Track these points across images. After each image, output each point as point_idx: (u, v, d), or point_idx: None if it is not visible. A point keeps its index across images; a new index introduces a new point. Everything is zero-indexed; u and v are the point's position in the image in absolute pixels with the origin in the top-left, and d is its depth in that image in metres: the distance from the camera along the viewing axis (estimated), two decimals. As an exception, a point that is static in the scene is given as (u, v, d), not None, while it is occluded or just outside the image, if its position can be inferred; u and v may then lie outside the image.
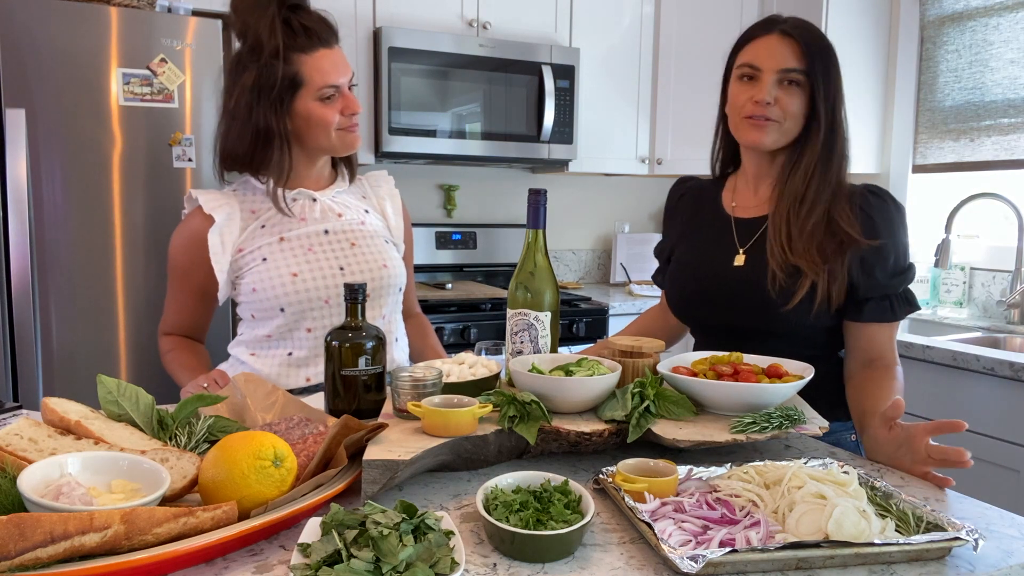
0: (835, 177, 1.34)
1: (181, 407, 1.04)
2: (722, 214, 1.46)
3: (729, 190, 1.49)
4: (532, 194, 1.29)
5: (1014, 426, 2.11)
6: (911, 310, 1.35)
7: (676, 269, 1.50)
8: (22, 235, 2.08)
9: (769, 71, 1.31)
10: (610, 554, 0.82)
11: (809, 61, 1.30)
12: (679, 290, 1.48)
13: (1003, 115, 2.81)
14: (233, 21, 1.42)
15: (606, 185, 3.80)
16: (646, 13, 3.37)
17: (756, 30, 1.36)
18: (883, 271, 1.31)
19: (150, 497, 0.77)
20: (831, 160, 1.34)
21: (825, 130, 1.33)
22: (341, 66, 1.45)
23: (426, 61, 2.87)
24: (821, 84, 1.31)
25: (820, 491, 0.85)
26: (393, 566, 0.71)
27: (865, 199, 1.33)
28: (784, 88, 1.32)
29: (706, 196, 1.52)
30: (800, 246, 1.30)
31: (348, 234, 1.52)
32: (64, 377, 2.18)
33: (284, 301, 1.43)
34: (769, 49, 1.32)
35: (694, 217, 1.51)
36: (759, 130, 1.33)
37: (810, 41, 1.31)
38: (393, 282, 1.53)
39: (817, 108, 1.32)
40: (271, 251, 1.45)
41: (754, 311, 1.35)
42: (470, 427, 0.99)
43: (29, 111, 2.07)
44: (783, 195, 1.35)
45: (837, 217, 1.31)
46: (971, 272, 2.92)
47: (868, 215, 1.31)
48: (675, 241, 1.55)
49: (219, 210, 1.45)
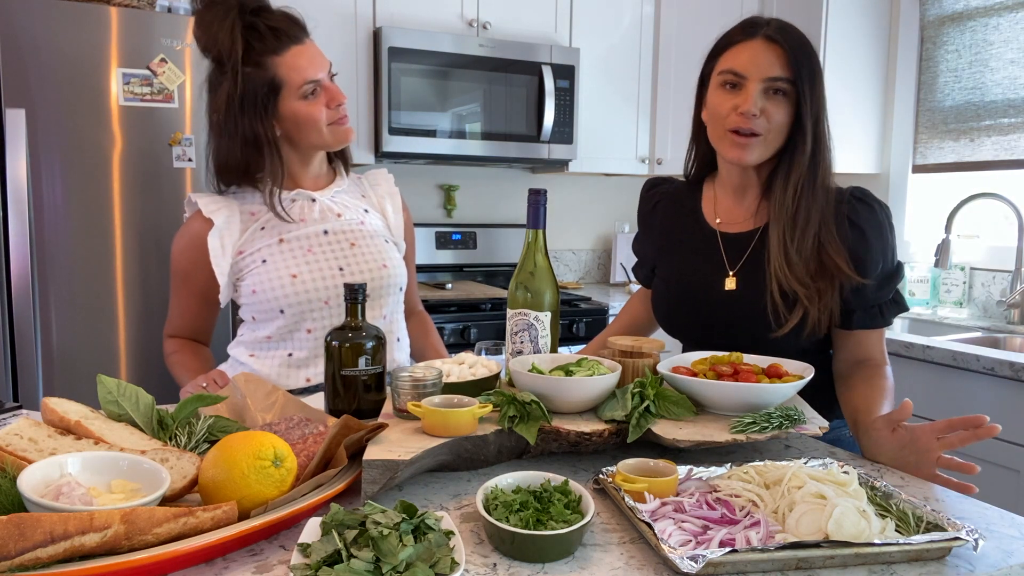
0: (821, 190, 1.27)
1: (181, 407, 1.04)
2: (706, 228, 1.39)
3: (709, 200, 1.42)
4: (532, 194, 1.29)
5: (1014, 426, 2.11)
6: (900, 311, 1.32)
7: (663, 288, 1.45)
8: (22, 235, 2.08)
9: (754, 79, 1.23)
10: (610, 554, 0.82)
11: (795, 69, 1.23)
12: (668, 310, 1.44)
13: (1003, 115, 2.81)
14: (198, 37, 1.40)
15: (606, 185, 3.80)
16: (646, 13, 3.37)
17: (737, 34, 1.28)
18: (873, 285, 1.27)
19: (150, 497, 0.77)
20: (816, 173, 1.27)
21: (811, 142, 1.25)
22: (317, 60, 1.43)
23: (426, 61, 2.87)
24: (808, 93, 1.23)
25: (820, 491, 0.85)
26: (393, 566, 0.71)
27: (852, 207, 1.27)
28: (770, 97, 1.24)
29: (684, 206, 1.44)
30: (798, 271, 1.25)
31: (348, 234, 1.51)
32: (64, 377, 2.18)
33: (284, 303, 1.43)
34: (754, 55, 1.24)
35: (674, 229, 1.44)
36: (742, 148, 1.26)
37: (796, 47, 1.24)
38: (393, 282, 1.53)
39: (803, 119, 1.24)
40: (271, 252, 1.45)
41: (748, 335, 1.32)
42: (470, 427, 0.99)
43: (29, 111, 2.07)
44: (775, 216, 1.28)
45: (827, 243, 1.25)
46: (971, 272, 2.92)
47: (856, 224, 1.26)
48: (655, 253, 1.49)
49: (218, 213, 1.44)
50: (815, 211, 1.26)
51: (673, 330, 1.47)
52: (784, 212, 1.26)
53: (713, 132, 1.32)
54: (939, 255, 2.75)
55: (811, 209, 1.26)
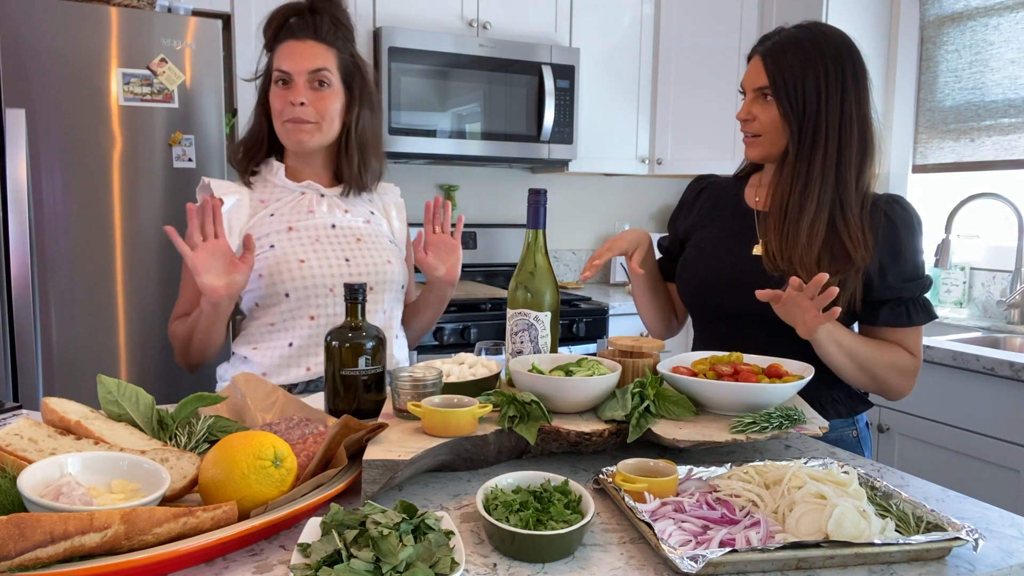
0: (827, 186, 1.33)
1: (181, 407, 1.04)
2: (744, 208, 1.49)
3: (753, 187, 1.52)
4: (532, 194, 1.29)
5: (1014, 426, 2.11)
6: (928, 318, 1.35)
7: (693, 254, 1.51)
8: (22, 235, 2.08)
9: (748, 90, 1.41)
10: (610, 554, 0.82)
11: (771, 78, 1.36)
12: (696, 274, 1.48)
13: (1003, 115, 2.81)
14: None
15: (606, 185, 3.80)
16: (646, 13, 3.37)
17: (751, 51, 1.44)
18: (898, 275, 1.33)
19: (150, 497, 0.77)
20: (812, 166, 1.33)
21: (800, 138, 1.34)
22: (299, 56, 1.46)
23: (426, 61, 2.87)
24: (786, 98, 1.34)
25: (820, 491, 0.85)
26: (393, 566, 0.71)
27: (889, 206, 1.35)
28: (760, 103, 1.39)
29: (728, 192, 1.55)
30: (795, 256, 1.32)
31: (354, 230, 1.56)
32: (64, 377, 2.18)
33: (290, 286, 1.45)
34: (749, 70, 1.42)
35: (713, 210, 1.54)
36: (748, 147, 1.44)
37: (777, 58, 1.36)
38: (395, 278, 1.56)
39: (788, 118, 1.35)
40: (279, 239, 1.48)
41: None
42: (470, 427, 0.99)
43: (29, 111, 2.07)
44: (770, 203, 1.40)
45: (841, 230, 1.31)
46: (971, 272, 2.92)
47: (891, 219, 1.34)
48: (686, 231, 1.57)
49: (229, 195, 1.49)
50: (808, 202, 1.34)
51: (699, 298, 1.49)
52: (779, 201, 1.37)
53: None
54: (939, 255, 2.76)
55: (805, 197, 1.34)
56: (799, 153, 1.35)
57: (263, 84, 1.55)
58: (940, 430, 2.30)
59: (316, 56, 1.47)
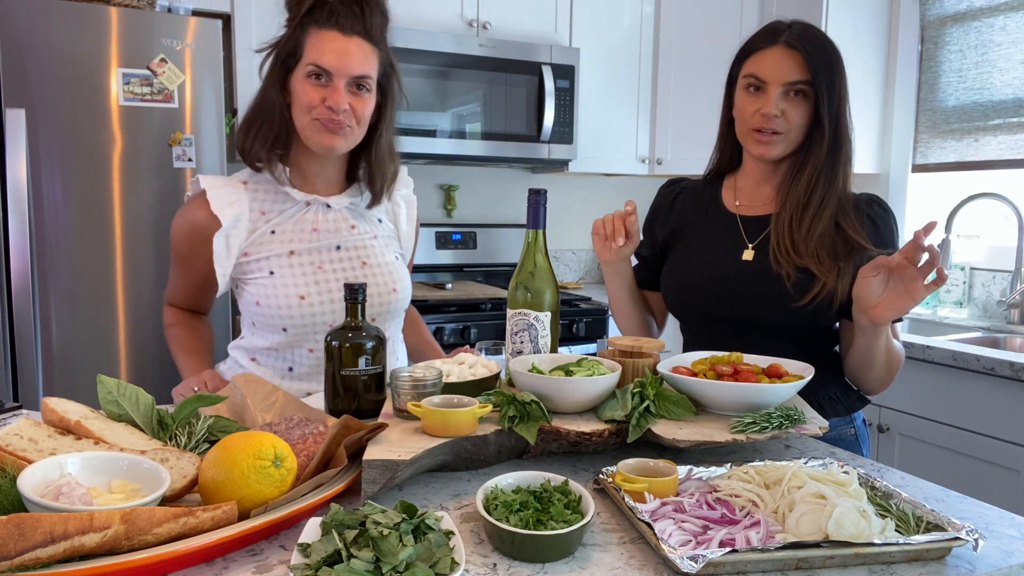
0: (841, 182, 1.37)
1: (181, 407, 1.04)
2: (725, 212, 1.47)
3: (729, 189, 1.49)
4: (532, 194, 1.29)
5: (1014, 426, 2.11)
6: None
7: (679, 263, 1.48)
8: (22, 235, 2.08)
9: (775, 84, 1.33)
10: (610, 554, 0.82)
11: (813, 72, 1.32)
12: (683, 282, 1.46)
13: (1013, 114, 2.80)
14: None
15: (606, 185, 3.80)
16: (646, 13, 3.37)
17: (760, 41, 1.37)
18: None
19: (150, 497, 0.77)
20: (836, 166, 1.37)
21: (829, 137, 1.35)
22: (344, 56, 1.31)
23: (426, 61, 2.87)
24: (825, 94, 1.32)
25: (820, 491, 0.85)
26: (393, 566, 0.71)
27: (872, 208, 1.38)
28: (789, 99, 1.34)
29: (704, 195, 1.52)
30: (806, 250, 1.33)
31: (360, 251, 1.46)
32: (64, 377, 2.18)
33: (288, 323, 1.38)
34: (774, 62, 1.33)
35: (693, 215, 1.50)
36: (765, 145, 1.37)
37: (814, 51, 1.33)
38: (400, 306, 1.50)
39: (821, 117, 1.34)
40: (279, 264, 1.39)
41: (764, 303, 1.35)
42: (470, 427, 0.99)
43: (29, 111, 2.07)
44: (785, 203, 1.38)
45: (845, 226, 1.34)
46: (971, 272, 2.92)
47: (874, 223, 1.37)
48: (666, 238, 1.53)
49: (227, 211, 1.37)
50: (830, 198, 1.36)
51: (687, 306, 1.47)
52: (795, 200, 1.36)
53: (739, 130, 1.42)
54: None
55: (827, 195, 1.35)
56: (829, 153, 1.35)
57: (285, 63, 1.35)
58: (940, 430, 2.30)
59: (365, 60, 1.33)
